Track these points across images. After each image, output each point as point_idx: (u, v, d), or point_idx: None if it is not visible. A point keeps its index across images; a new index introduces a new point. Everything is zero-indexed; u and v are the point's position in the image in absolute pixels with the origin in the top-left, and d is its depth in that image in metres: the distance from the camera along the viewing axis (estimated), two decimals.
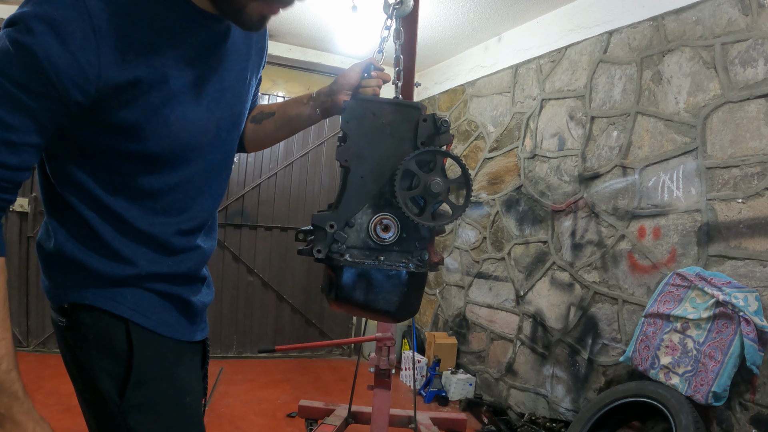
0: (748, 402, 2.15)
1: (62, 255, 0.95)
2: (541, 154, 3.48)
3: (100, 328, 0.95)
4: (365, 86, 1.16)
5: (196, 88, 0.94)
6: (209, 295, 1.15)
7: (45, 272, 1.00)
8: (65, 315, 0.96)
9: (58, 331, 1.01)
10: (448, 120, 0.95)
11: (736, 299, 2.12)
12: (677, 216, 2.53)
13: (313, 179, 4.91)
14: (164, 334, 1.00)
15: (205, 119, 0.97)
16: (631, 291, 2.75)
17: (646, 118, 2.74)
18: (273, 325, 4.82)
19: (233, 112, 1.05)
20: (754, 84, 2.24)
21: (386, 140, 1.00)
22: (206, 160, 1.01)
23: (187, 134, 0.94)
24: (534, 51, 3.62)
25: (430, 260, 1.03)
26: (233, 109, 1.04)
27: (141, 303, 0.97)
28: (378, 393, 2.40)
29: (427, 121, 0.99)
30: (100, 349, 0.95)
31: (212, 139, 1.00)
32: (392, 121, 1.00)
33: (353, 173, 1.00)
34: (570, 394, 3.09)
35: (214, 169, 1.04)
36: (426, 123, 0.99)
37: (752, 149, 2.22)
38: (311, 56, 4.80)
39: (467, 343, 4.12)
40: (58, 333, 1.01)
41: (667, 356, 2.33)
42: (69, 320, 0.96)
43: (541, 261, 3.41)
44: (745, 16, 2.29)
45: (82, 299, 0.95)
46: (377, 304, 1.01)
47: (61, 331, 0.99)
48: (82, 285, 0.95)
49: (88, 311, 0.95)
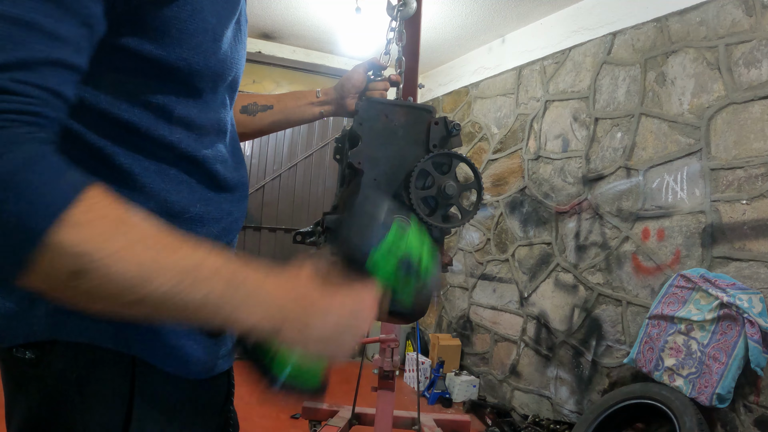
0: (753, 404, 2.14)
1: None
2: (545, 156, 3.48)
3: (88, 363, 0.65)
4: (373, 89, 1.15)
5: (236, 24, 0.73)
6: None
7: (6, 288, 0.66)
8: (36, 348, 0.64)
9: (13, 368, 0.68)
10: (459, 124, 0.96)
11: (740, 301, 2.11)
12: (681, 217, 2.52)
13: (317, 181, 4.91)
14: (182, 374, 0.69)
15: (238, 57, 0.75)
16: (635, 292, 2.74)
17: (650, 120, 2.74)
18: None
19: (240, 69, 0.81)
20: (758, 85, 2.23)
21: (399, 142, 1.00)
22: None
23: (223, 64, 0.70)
24: (538, 52, 3.62)
25: (440, 261, 1.03)
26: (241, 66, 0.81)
27: (159, 325, 0.67)
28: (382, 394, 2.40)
29: (438, 124, 1.00)
30: (88, 392, 0.65)
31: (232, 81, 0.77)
32: (404, 124, 1.00)
33: (366, 175, 1.00)
34: (574, 396, 3.08)
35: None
36: (438, 126, 1.00)
37: (756, 150, 2.22)
38: (315, 58, 4.81)
39: (471, 345, 4.12)
40: (11, 371, 0.68)
41: (671, 358, 2.32)
42: (39, 354, 0.64)
43: (545, 262, 3.41)
44: (749, 17, 2.28)
45: (71, 335, 0.64)
46: (391, 306, 1.02)
47: (22, 367, 0.65)
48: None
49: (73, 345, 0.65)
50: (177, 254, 0.50)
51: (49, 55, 0.47)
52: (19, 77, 0.45)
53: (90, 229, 0.45)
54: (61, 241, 0.43)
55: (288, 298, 0.57)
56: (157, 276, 0.47)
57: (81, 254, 0.44)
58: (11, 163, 0.43)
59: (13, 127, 0.44)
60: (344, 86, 1.17)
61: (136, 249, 0.47)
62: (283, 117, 1.20)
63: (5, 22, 0.45)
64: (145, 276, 0.47)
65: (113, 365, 0.65)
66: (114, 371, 0.65)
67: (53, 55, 0.47)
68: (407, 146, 1.01)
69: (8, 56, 0.44)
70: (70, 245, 0.44)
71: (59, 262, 0.44)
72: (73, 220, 0.44)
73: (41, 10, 0.46)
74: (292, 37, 4.49)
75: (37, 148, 0.45)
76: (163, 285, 0.48)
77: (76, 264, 0.44)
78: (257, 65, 4.60)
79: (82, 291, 0.46)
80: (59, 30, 0.48)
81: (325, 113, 1.20)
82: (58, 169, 0.46)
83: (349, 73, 1.17)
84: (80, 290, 0.46)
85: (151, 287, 0.47)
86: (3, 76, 0.44)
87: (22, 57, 0.45)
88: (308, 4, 3.76)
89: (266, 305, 0.55)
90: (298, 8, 3.85)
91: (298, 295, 0.58)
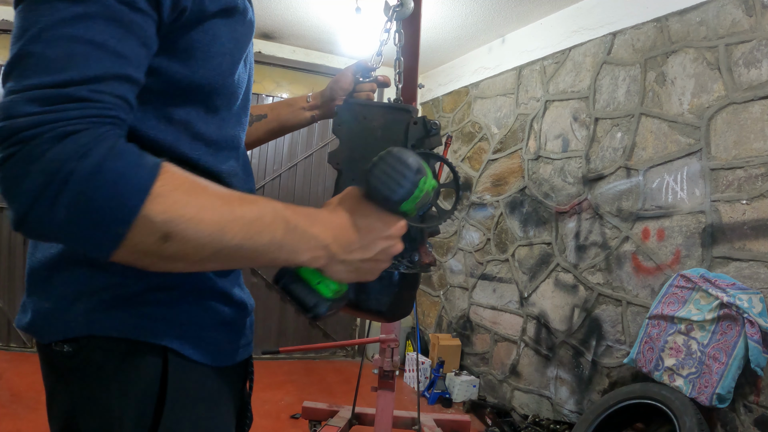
0: (753, 404, 2.14)
1: (83, 256, 0.70)
2: (545, 156, 3.48)
3: (123, 354, 0.71)
4: (359, 90, 1.17)
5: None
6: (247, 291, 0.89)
7: (44, 290, 0.73)
8: (74, 342, 0.71)
9: (53, 361, 0.74)
10: (438, 122, 0.96)
11: (740, 301, 2.11)
12: (681, 217, 2.52)
13: (317, 181, 4.92)
14: (209, 363, 0.76)
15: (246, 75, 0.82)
16: (635, 292, 2.74)
17: (650, 120, 2.74)
18: (277, 327, 4.83)
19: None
20: (758, 85, 2.23)
21: (377, 143, 1.00)
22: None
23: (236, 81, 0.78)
24: (538, 52, 3.61)
25: (420, 261, 1.03)
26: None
27: (188, 317, 0.74)
28: (382, 394, 2.40)
29: (417, 123, 1.00)
30: (123, 383, 0.71)
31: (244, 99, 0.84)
32: (383, 125, 1.01)
33: (345, 176, 1.01)
34: (574, 396, 3.08)
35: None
36: (416, 126, 1.00)
37: (756, 150, 2.22)
38: (315, 58, 4.81)
39: (471, 345, 4.12)
40: (52, 364, 0.75)
41: (671, 358, 2.32)
42: (77, 347, 0.71)
43: (545, 262, 3.41)
44: (749, 17, 2.28)
45: (107, 330, 0.70)
46: (368, 304, 1.02)
47: (61, 360, 0.72)
48: (111, 304, 0.70)
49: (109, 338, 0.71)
50: (242, 208, 0.59)
51: (118, 71, 0.56)
52: (96, 88, 0.54)
53: (171, 198, 0.54)
54: (150, 212, 0.53)
55: (332, 237, 0.67)
56: (230, 228, 0.57)
57: (168, 220, 0.53)
58: (100, 154, 0.51)
59: (97, 127, 0.53)
60: (333, 89, 1.20)
61: (210, 209, 0.56)
62: (277, 125, 1.25)
63: (81, 44, 0.54)
64: (220, 230, 0.56)
65: (147, 356, 0.71)
66: (148, 361, 0.71)
67: (120, 71, 0.57)
68: (385, 146, 1.01)
69: (87, 72, 0.54)
70: (159, 213, 0.53)
71: (150, 229, 0.53)
72: (157, 192, 0.53)
73: (109, 32, 0.56)
74: (292, 37, 4.49)
75: (117, 141, 0.54)
76: (236, 235, 0.58)
77: (165, 228, 0.53)
78: (257, 65, 4.60)
79: (169, 253, 0.55)
80: (124, 50, 0.57)
81: (317, 117, 1.24)
82: (137, 154, 0.55)
83: (337, 76, 1.21)
84: (167, 253, 0.55)
85: (226, 239, 0.57)
86: (84, 87, 0.53)
87: (98, 73, 0.55)
88: (308, 4, 3.76)
89: (315, 244, 0.65)
90: (298, 8, 3.85)
91: (340, 233, 0.68)
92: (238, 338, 0.82)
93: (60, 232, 0.53)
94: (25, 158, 0.50)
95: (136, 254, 0.55)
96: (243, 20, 0.74)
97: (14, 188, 0.51)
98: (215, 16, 0.69)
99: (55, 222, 0.51)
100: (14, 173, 0.51)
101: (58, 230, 0.52)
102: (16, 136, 0.51)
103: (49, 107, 0.52)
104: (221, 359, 0.78)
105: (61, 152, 0.50)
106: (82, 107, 0.53)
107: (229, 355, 0.80)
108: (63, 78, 0.53)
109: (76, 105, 0.53)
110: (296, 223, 0.64)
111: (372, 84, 1.19)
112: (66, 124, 0.51)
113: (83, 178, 0.50)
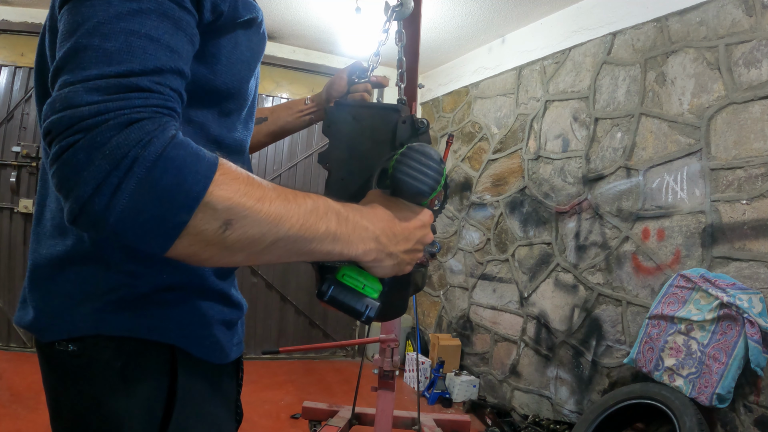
0: (753, 404, 2.14)
1: (91, 255, 0.71)
2: (545, 156, 3.48)
3: (131, 352, 0.72)
4: (354, 92, 1.19)
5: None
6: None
7: (48, 289, 0.74)
8: (79, 341, 0.72)
9: (54, 360, 0.74)
10: (426, 120, 0.96)
11: (740, 301, 2.11)
12: (681, 217, 2.52)
13: (317, 181, 4.92)
14: (212, 360, 0.79)
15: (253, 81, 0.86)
16: (635, 292, 2.74)
17: (650, 120, 2.74)
18: (277, 327, 4.82)
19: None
20: (758, 85, 2.23)
21: (366, 143, 1.01)
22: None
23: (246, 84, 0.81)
24: (538, 52, 3.62)
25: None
26: None
27: (192, 317, 0.77)
28: (382, 394, 2.40)
29: (406, 122, 1.00)
30: (132, 381, 0.71)
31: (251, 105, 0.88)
32: (372, 125, 1.01)
33: (334, 176, 1.02)
34: (574, 396, 3.08)
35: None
36: (405, 124, 1.00)
37: (756, 150, 2.22)
38: (315, 58, 4.81)
39: (471, 345, 4.12)
40: (53, 363, 0.75)
41: (671, 358, 2.32)
42: (82, 346, 0.71)
43: (545, 262, 3.41)
44: (749, 17, 2.28)
45: (116, 329, 0.71)
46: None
47: (65, 359, 0.72)
48: (120, 305, 0.71)
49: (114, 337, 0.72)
50: (297, 200, 0.61)
51: (173, 65, 0.58)
52: (157, 80, 0.56)
53: (232, 187, 0.55)
54: (213, 198, 0.53)
55: (380, 228, 0.69)
56: (288, 218, 0.58)
57: (230, 207, 0.54)
58: (163, 142, 0.52)
59: (159, 117, 0.54)
60: (329, 91, 1.22)
61: (268, 199, 0.57)
62: (277, 128, 1.28)
63: (138, 38, 0.56)
64: (279, 219, 0.57)
65: (155, 354, 0.73)
66: (156, 359, 0.73)
67: (174, 65, 0.58)
68: (374, 146, 1.02)
69: (147, 64, 0.55)
70: (221, 200, 0.54)
71: (213, 216, 0.53)
72: (219, 181, 0.54)
73: (162, 28, 0.58)
74: (292, 37, 4.49)
75: (177, 132, 0.54)
76: (294, 225, 0.59)
77: (227, 215, 0.54)
78: None
79: (230, 242, 0.55)
80: (176, 45, 0.59)
81: (315, 119, 1.27)
82: (196, 146, 0.55)
83: (333, 78, 1.22)
84: (228, 242, 0.55)
85: (285, 228, 0.58)
86: (146, 78, 0.55)
87: (156, 65, 0.56)
88: (308, 4, 3.76)
89: (367, 236, 0.67)
90: (298, 8, 3.85)
91: (386, 225, 0.70)
92: (231, 336, 0.85)
93: (119, 223, 0.51)
94: (89, 146, 0.50)
95: (197, 245, 0.55)
96: (258, 32, 0.78)
97: (74, 177, 0.50)
98: (240, 26, 0.72)
99: (116, 211, 0.50)
100: (75, 161, 0.50)
101: (117, 221, 0.51)
102: (78, 125, 0.50)
103: (113, 95, 0.52)
104: (221, 357, 0.81)
105: (126, 138, 0.50)
106: (145, 96, 0.54)
107: (226, 353, 0.82)
108: (125, 68, 0.54)
109: (140, 94, 0.53)
110: (347, 215, 0.65)
111: (366, 84, 1.20)
112: (131, 112, 0.52)
113: (149, 164, 0.51)
